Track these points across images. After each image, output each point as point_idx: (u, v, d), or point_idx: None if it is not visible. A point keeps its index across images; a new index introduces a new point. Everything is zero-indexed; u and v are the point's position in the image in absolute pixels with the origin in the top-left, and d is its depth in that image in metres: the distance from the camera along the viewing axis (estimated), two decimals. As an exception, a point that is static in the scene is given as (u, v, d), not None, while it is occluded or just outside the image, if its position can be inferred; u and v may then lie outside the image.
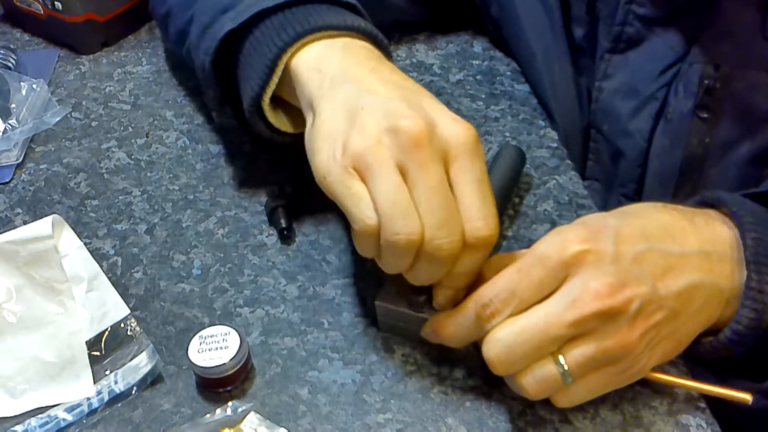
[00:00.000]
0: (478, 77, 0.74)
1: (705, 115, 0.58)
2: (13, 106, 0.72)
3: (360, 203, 0.44)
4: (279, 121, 0.57)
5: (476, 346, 0.46)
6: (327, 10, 0.54)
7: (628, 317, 0.42)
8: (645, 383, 0.49)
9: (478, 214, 0.44)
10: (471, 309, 0.45)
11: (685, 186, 0.60)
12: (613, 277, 0.42)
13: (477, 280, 0.47)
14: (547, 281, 0.44)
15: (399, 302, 0.51)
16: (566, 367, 0.43)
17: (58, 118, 0.71)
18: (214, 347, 0.50)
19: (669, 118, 0.60)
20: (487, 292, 0.45)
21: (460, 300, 0.47)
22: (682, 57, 0.59)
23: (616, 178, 0.66)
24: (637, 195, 0.64)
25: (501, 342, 0.43)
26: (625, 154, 0.64)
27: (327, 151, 0.46)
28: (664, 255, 0.45)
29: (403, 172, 0.43)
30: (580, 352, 0.43)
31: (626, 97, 0.62)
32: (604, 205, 0.67)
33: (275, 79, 0.53)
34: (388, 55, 0.55)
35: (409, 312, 0.50)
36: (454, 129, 0.45)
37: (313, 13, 0.53)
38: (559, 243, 0.44)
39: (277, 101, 0.56)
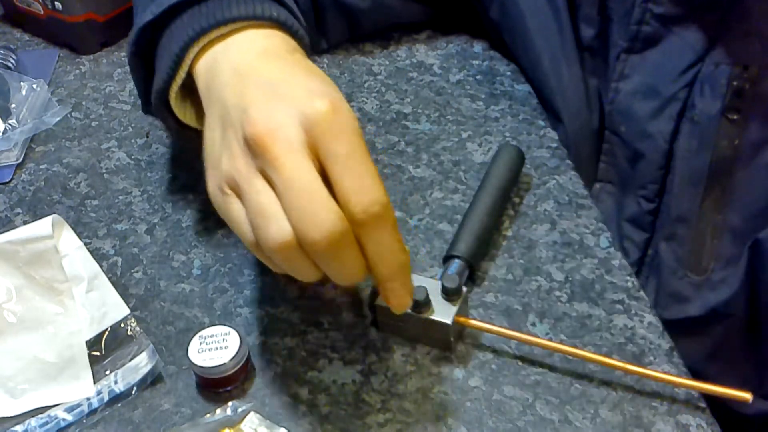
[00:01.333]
0: (478, 77, 0.74)
1: (735, 117, 0.57)
2: (13, 106, 0.72)
3: (241, 224, 0.43)
4: (189, 116, 0.55)
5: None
6: (244, 2, 0.50)
7: None
8: (645, 383, 0.49)
9: (355, 191, 0.41)
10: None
11: (714, 188, 0.60)
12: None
13: None
14: None
15: None
16: None
17: (58, 118, 0.71)
18: (214, 347, 0.50)
19: (696, 120, 0.59)
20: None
21: None
22: (702, 56, 0.58)
23: (633, 180, 0.65)
24: (658, 197, 0.64)
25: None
26: (645, 156, 0.63)
27: (211, 177, 0.46)
28: None
29: (266, 179, 0.42)
30: None
31: (645, 97, 0.62)
32: (619, 208, 0.66)
33: (181, 74, 0.51)
34: (304, 45, 0.52)
35: (409, 312, 0.50)
36: (310, 112, 0.41)
37: (225, 6, 0.50)
38: None
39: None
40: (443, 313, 0.50)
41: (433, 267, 0.57)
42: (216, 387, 0.50)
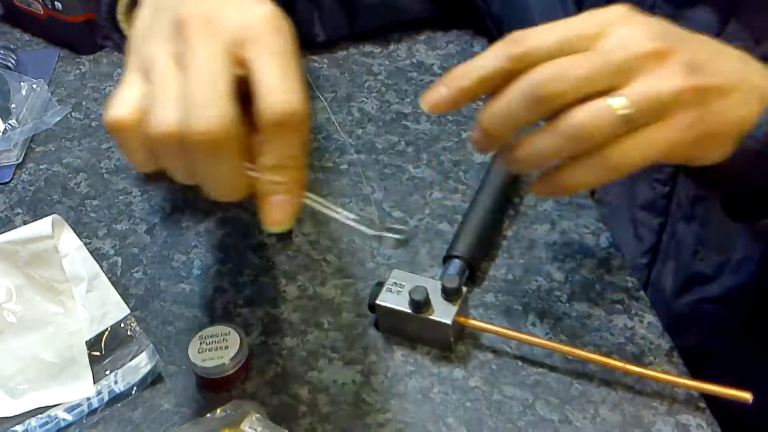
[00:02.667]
0: (478, 77, 0.74)
1: None
2: (13, 106, 0.72)
3: (116, 97, 0.40)
4: None
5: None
6: None
7: (681, 66, 0.41)
8: (645, 383, 0.49)
9: (271, 89, 0.38)
10: (496, 47, 0.42)
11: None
12: (665, 34, 0.42)
13: None
14: (589, 28, 0.42)
15: (399, 302, 0.51)
16: (628, 107, 0.40)
17: (58, 118, 0.71)
18: (214, 347, 0.50)
19: None
20: (519, 33, 0.42)
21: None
22: (716, 35, 0.57)
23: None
24: (672, 179, 0.62)
25: (552, 68, 0.40)
26: None
27: (129, 64, 0.42)
28: (719, 48, 0.45)
29: (179, 66, 0.39)
30: (640, 89, 0.40)
31: None
32: (631, 195, 0.66)
33: None
34: None
35: (408, 312, 0.50)
36: (248, 12, 0.39)
37: None
38: (601, 9, 0.43)
39: None
40: (443, 313, 0.50)
41: (433, 267, 0.57)
42: (216, 387, 0.50)
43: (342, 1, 0.75)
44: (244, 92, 0.39)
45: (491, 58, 0.42)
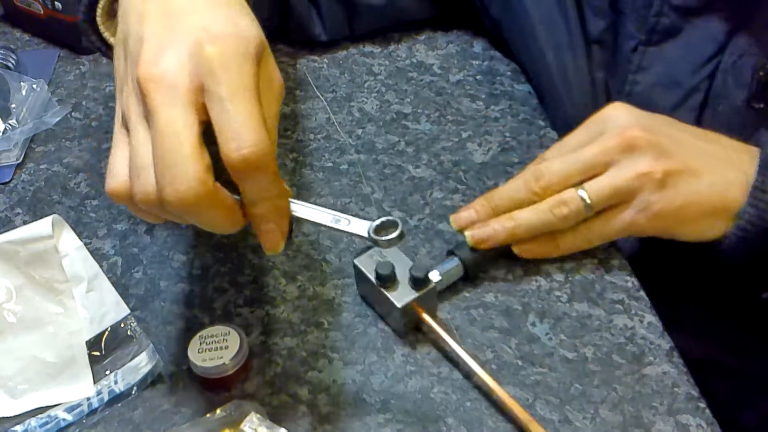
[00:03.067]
0: (478, 77, 0.74)
1: (760, 106, 0.57)
2: (13, 106, 0.72)
3: (108, 170, 0.43)
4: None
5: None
6: None
7: (649, 154, 0.50)
8: (645, 383, 0.49)
9: (230, 135, 0.39)
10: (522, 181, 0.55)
11: None
12: (638, 122, 0.52)
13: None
14: (583, 134, 0.54)
15: (371, 270, 0.52)
16: (587, 197, 0.51)
17: (58, 118, 0.71)
18: (214, 347, 0.50)
19: (719, 110, 0.59)
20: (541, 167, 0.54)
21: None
22: (723, 47, 0.58)
23: None
24: None
25: (533, 169, 0.54)
26: None
27: (117, 102, 0.44)
28: (681, 127, 0.54)
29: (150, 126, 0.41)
30: (599, 182, 0.52)
31: (666, 89, 0.62)
32: None
33: None
34: None
35: (373, 282, 0.51)
36: (198, 56, 0.40)
37: None
38: (598, 111, 0.54)
39: None
40: (401, 295, 0.51)
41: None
42: (216, 387, 0.50)
43: (341, 2, 0.75)
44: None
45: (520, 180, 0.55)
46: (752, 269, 0.52)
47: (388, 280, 0.51)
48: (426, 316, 0.51)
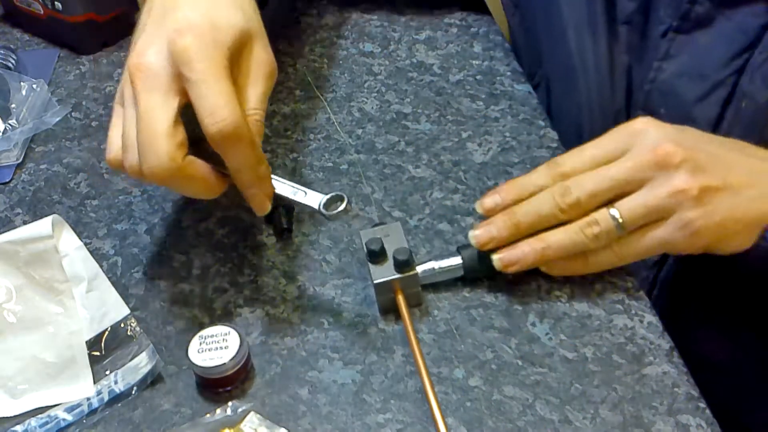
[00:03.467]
0: (478, 77, 0.74)
1: None
2: (13, 106, 0.72)
3: (109, 136, 0.52)
4: None
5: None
6: None
7: (684, 170, 0.48)
8: (645, 383, 0.49)
9: (206, 113, 0.46)
10: (544, 165, 0.54)
11: None
12: (671, 136, 0.50)
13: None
14: (610, 145, 0.52)
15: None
16: (620, 217, 0.50)
17: (58, 118, 0.71)
18: (214, 347, 0.50)
19: (743, 106, 0.58)
20: (560, 155, 0.54)
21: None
22: (754, 43, 0.57)
23: None
24: None
25: (561, 186, 0.51)
26: None
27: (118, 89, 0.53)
28: (713, 139, 0.52)
29: None
30: (632, 201, 0.50)
31: (692, 80, 0.60)
32: None
33: None
34: None
35: (365, 259, 0.53)
36: (173, 47, 0.47)
37: None
38: (624, 123, 0.52)
39: None
40: (381, 273, 0.52)
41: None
42: (216, 387, 0.50)
43: None
44: None
45: (540, 176, 0.54)
46: None
47: (375, 255, 0.52)
48: (400, 301, 0.52)
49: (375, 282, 0.52)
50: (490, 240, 0.53)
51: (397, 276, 0.52)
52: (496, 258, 0.53)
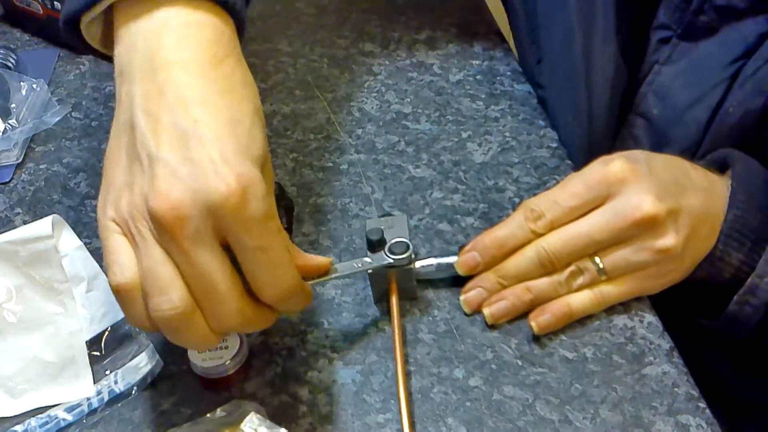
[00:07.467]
0: (478, 77, 0.74)
1: None
2: (13, 106, 0.72)
3: (113, 264, 0.42)
4: (95, 39, 0.51)
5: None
6: None
7: (668, 230, 0.49)
8: (645, 383, 0.49)
9: (266, 284, 0.42)
10: (520, 213, 0.53)
11: None
12: (652, 193, 0.49)
13: None
14: (587, 195, 0.51)
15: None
16: (601, 265, 0.51)
17: (58, 118, 0.71)
18: (214, 347, 0.50)
19: (730, 112, 0.58)
20: (534, 200, 0.53)
21: None
22: (752, 50, 0.57)
23: None
24: None
25: (547, 244, 0.51)
26: (675, 143, 0.61)
27: (108, 201, 0.43)
28: (682, 181, 0.52)
29: (165, 250, 0.41)
30: (616, 256, 0.51)
31: (688, 84, 0.60)
32: None
33: (97, 10, 0.46)
34: (240, 30, 0.48)
35: (366, 248, 0.53)
36: (216, 199, 0.39)
37: None
38: (599, 165, 0.52)
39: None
40: (375, 259, 0.52)
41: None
42: (216, 387, 0.50)
43: None
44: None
45: (518, 228, 0.53)
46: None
47: (373, 244, 0.53)
48: (392, 291, 0.53)
49: (366, 273, 0.53)
50: (480, 303, 0.54)
51: (390, 263, 0.52)
52: (488, 314, 0.53)
